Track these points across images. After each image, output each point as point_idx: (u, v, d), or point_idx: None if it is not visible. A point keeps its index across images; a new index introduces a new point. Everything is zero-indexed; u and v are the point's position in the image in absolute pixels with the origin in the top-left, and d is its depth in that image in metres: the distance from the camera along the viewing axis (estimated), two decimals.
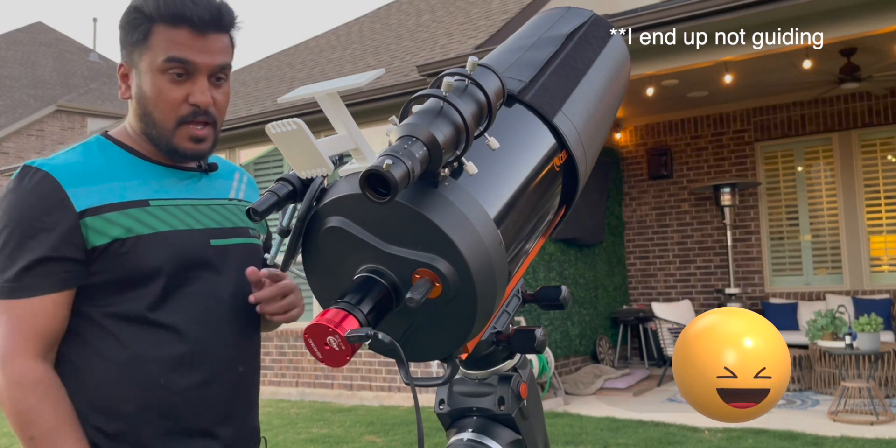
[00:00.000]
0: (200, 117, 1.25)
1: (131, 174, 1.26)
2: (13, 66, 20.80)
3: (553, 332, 7.31)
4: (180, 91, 1.23)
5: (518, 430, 0.85)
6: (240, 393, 1.27)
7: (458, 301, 0.70)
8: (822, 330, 5.97)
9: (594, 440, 5.14)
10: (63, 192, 1.18)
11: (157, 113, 1.25)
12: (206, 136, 1.27)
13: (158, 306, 1.19)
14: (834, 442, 4.85)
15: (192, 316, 1.22)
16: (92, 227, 1.18)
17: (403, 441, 5.41)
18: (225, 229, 1.30)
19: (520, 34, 0.97)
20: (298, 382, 7.78)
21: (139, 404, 1.18)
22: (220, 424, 1.23)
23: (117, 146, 1.29)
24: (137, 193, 1.24)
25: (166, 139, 1.26)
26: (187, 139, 1.26)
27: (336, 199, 0.73)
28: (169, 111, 1.24)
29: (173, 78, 1.23)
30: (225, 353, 1.25)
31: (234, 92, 10.77)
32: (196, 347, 1.21)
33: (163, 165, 1.30)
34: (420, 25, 10.34)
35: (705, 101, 8.45)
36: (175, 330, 1.20)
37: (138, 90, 1.26)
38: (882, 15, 5.13)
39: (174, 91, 1.23)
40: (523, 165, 0.79)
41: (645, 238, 9.14)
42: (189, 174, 1.33)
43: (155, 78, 1.23)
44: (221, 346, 1.25)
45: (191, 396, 1.20)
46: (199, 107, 1.24)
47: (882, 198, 7.97)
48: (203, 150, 1.28)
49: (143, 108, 1.26)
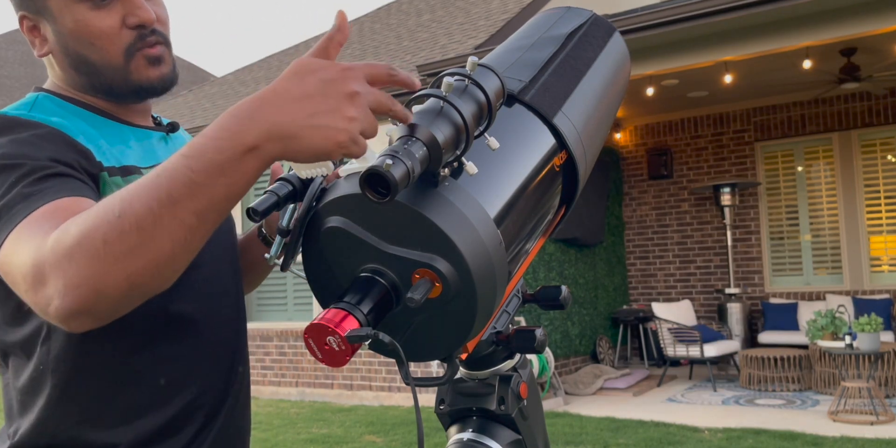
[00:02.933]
0: (149, 38, 1.01)
1: (114, 136, 1.03)
2: (13, 66, 20.81)
3: (553, 332, 7.32)
4: (112, 16, 0.99)
5: (518, 430, 0.85)
6: (247, 376, 1.18)
7: (458, 301, 0.70)
8: (822, 330, 5.97)
9: (594, 440, 5.14)
10: (76, 141, 0.94)
11: (95, 53, 1.00)
12: (162, 55, 1.03)
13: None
14: (834, 442, 4.85)
15: (178, 294, 0.96)
16: (114, 185, 0.95)
17: (403, 441, 5.41)
18: None
19: (520, 34, 0.97)
20: (298, 382, 7.78)
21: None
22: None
23: (76, 105, 1.03)
24: (128, 158, 1.02)
25: (122, 78, 1.01)
26: (145, 66, 1.01)
27: (336, 199, 0.73)
28: (109, 45, 0.99)
29: (96, 3, 0.98)
30: (238, 341, 1.15)
31: (234, 92, 10.78)
32: (210, 345, 1.08)
33: (133, 126, 1.08)
34: (420, 25, 10.34)
35: (705, 101, 8.45)
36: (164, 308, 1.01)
37: (58, 37, 1.00)
38: (882, 15, 5.13)
39: (105, 19, 0.98)
40: (523, 165, 0.79)
41: (645, 238, 9.14)
42: (160, 135, 1.12)
43: (73, 12, 0.98)
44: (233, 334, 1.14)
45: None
46: (144, 27, 1.00)
47: (882, 198, 7.97)
48: (166, 73, 1.04)
49: (73, 55, 1.01)
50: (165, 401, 1.05)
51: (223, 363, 1.13)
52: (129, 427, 1.02)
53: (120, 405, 1.02)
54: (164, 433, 1.05)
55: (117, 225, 0.69)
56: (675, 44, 5.84)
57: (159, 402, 1.05)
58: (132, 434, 1.02)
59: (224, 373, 1.13)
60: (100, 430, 1.00)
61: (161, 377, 1.05)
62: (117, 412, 1.02)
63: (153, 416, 1.04)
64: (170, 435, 1.06)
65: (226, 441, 1.14)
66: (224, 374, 1.14)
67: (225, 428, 1.14)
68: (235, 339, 1.16)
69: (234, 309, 1.15)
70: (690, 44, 5.80)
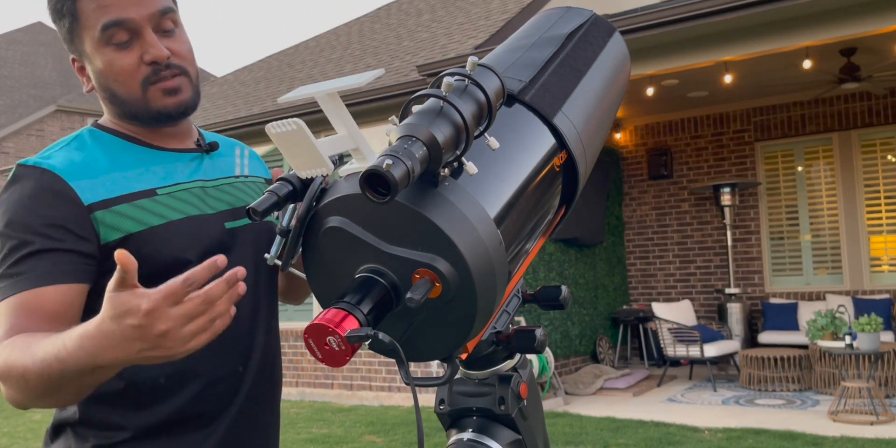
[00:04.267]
0: (164, 72, 1.15)
1: (132, 163, 1.17)
2: (13, 66, 20.80)
3: (553, 332, 7.31)
4: (131, 56, 1.14)
5: (518, 430, 0.85)
6: (265, 376, 1.23)
7: (458, 301, 0.70)
8: (822, 330, 5.97)
9: (594, 440, 5.14)
10: (67, 186, 1.09)
11: (119, 87, 1.16)
12: (179, 86, 1.17)
13: None
14: (834, 442, 4.85)
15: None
16: (103, 221, 1.09)
17: (403, 441, 5.41)
18: (235, 210, 1.22)
19: (520, 34, 0.97)
20: (298, 382, 7.78)
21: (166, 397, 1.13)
22: (247, 405, 1.19)
23: (111, 135, 1.20)
24: (142, 183, 1.15)
25: (143, 107, 1.16)
26: (161, 96, 1.16)
27: (336, 199, 0.73)
28: (129, 80, 1.15)
29: (119, 46, 1.13)
30: (247, 342, 1.19)
31: (234, 92, 10.78)
32: (218, 339, 1.14)
33: (163, 150, 1.22)
34: (420, 25, 10.34)
35: (705, 101, 8.45)
36: None
37: (95, 76, 1.17)
38: (882, 15, 5.13)
39: (124, 58, 1.14)
40: (523, 165, 0.79)
41: (645, 238, 9.14)
42: (192, 156, 1.24)
43: (102, 54, 1.14)
44: (243, 335, 1.19)
45: (218, 386, 1.16)
46: (157, 63, 1.14)
47: (882, 198, 7.97)
48: (184, 100, 1.18)
49: (106, 90, 1.17)
50: (173, 391, 1.13)
51: (234, 359, 1.18)
52: (139, 413, 1.12)
53: (129, 392, 1.12)
54: (175, 422, 1.13)
55: (24, 385, 0.95)
56: (675, 44, 5.84)
57: (167, 392, 1.13)
58: (142, 420, 1.12)
59: (234, 369, 1.18)
60: (112, 411, 1.12)
61: (166, 369, 1.11)
62: (126, 398, 1.12)
63: (162, 405, 1.13)
64: (180, 424, 1.14)
65: (242, 435, 1.20)
66: (234, 370, 1.19)
67: (237, 425, 1.18)
68: (250, 337, 1.21)
69: (250, 308, 1.21)
70: (690, 44, 5.80)
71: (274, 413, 1.27)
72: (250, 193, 1.28)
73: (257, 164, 1.37)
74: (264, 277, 1.25)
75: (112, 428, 1.12)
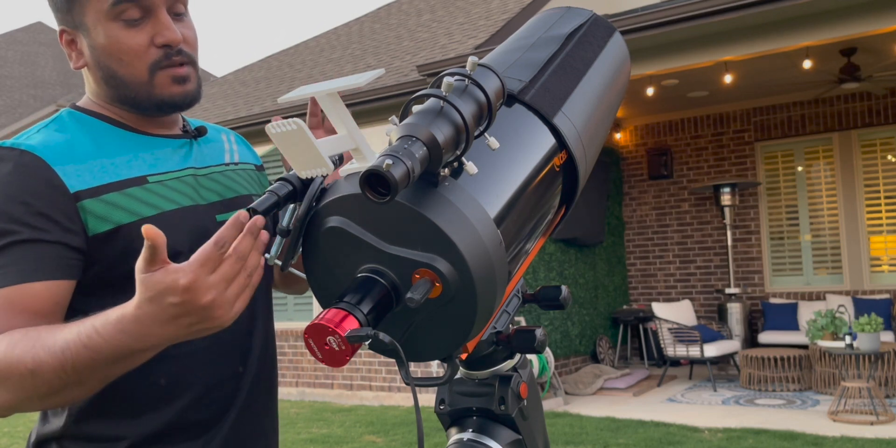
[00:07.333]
0: (175, 57, 1.07)
1: (119, 148, 1.08)
2: (13, 66, 20.80)
3: (553, 332, 7.31)
4: (141, 35, 1.05)
5: (518, 430, 0.85)
6: (264, 378, 1.18)
7: (458, 301, 0.70)
8: (822, 330, 5.97)
9: (594, 440, 5.14)
10: (50, 170, 0.99)
11: (123, 68, 1.06)
12: (188, 75, 1.09)
13: None
14: (834, 442, 4.85)
15: None
16: (91, 211, 1.00)
17: (403, 441, 5.41)
18: (226, 201, 1.15)
19: (520, 34, 0.97)
20: (298, 382, 7.78)
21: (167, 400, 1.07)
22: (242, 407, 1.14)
23: (93, 118, 1.10)
24: (131, 170, 1.06)
25: (146, 93, 1.07)
26: (170, 83, 1.08)
27: (336, 199, 0.73)
28: (136, 61, 1.05)
29: (128, 23, 1.04)
30: (246, 343, 1.15)
31: (234, 92, 10.78)
32: (217, 342, 1.07)
33: (151, 135, 1.13)
34: (420, 25, 10.34)
35: (705, 101, 8.45)
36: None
37: (92, 51, 1.07)
38: (882, 15, 5.13)
39: (134, 37, 1.04)
40: (523, 165, 0.79)
41: (645, 238, 9.14)
42: (181, 142, 1.16)
43: (107, 29, 1.04)
44: (242, 336, 1.14)
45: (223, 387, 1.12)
46: (170, 46, 1.06)
47: (882, 198, 7.97)
48: (191, 91, 1.10)
49: (104, 69, 1.07)
50: (170, 398, 1.07)
51: (231, 363, 1.14)
52: (134, 422, 1.05)
53: (123, 400, 1.04)
54: (172, 430, 1.07)
55: (29, 383, 0.86)
56: (675, 44, 5.84)
57: (164, 399, 1.06)
58: (138, 429, 1.05)
59: (232, 372, 1.13)
60: (105, 422, 1.04)
61: (163, 375, 1.06)
62: (121, 407, 1.04)
63: (158, 413, 1.06)
64: (178, 432, 1.07)
65: (242, 440, 1.14)
66: (233, 374, 1.14)
67: (238, 429, 1.14)
68: (247, 340, 1.16)
69: (248, 310, 1.14)
70: (690, 44, 5.80)
71: (272, 416, 1.23)
72: (241, 183, 1.21)
73: (245, 149, 1.30)
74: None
75: (104, 440, 1.04)
